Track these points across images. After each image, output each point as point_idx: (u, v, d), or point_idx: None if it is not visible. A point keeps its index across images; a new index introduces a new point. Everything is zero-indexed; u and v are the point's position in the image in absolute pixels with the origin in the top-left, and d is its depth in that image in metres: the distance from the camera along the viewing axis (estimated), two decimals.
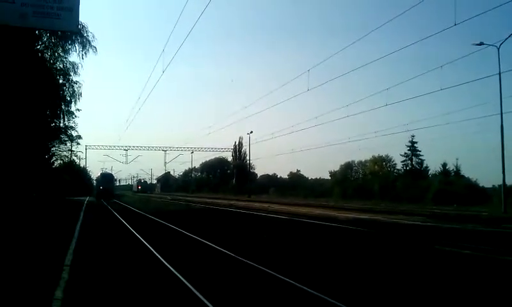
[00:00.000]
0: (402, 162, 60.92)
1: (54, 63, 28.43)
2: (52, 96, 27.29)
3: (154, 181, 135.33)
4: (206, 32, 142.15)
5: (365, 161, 75.02)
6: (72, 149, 56.76)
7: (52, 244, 11.24)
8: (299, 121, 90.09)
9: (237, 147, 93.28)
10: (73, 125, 41.22)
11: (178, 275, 7.24)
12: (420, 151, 58.79)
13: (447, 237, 12.87)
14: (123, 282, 6.96)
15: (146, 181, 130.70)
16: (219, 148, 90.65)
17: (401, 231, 14.98)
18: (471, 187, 42.52)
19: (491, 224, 17.43)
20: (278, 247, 11.45)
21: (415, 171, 57.56)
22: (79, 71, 28.52)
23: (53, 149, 44.39)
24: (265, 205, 33.80)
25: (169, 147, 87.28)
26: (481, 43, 27.26)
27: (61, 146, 48.69)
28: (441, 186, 43.51)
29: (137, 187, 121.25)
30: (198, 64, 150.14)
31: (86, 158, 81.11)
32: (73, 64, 28.27)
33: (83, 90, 30.28)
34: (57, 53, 27.70)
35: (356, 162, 79.84)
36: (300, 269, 8.00)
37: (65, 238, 12.09)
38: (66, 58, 28.03)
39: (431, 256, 9.90)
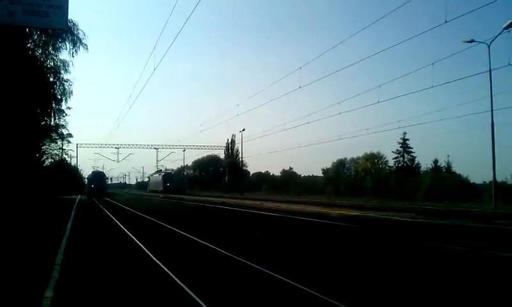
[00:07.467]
0: (394, 159, 61.57)
1: (45, 61, 28.30)
2: (42, 94, 27.13)
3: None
4: (198, 29, 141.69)
5: (357, 158, 75.56)
6: (63, 147, 56.87)
7: (42, 242, 11.17)
8: (292, 119, 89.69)
9: (230, 145, 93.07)
10: (64, 123, 41.22)
11: (171, 274, 7.20)
12: (411, 148, 59.46)
13: (438, 233, 12.96)
14: (114, 281, 6.91)
15: (180, 174, 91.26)
16: (211, 146, 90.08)
17: (393, 228, 15.06)
18: (462, 184, 42.82)
19: (481, 220, 17.57)
20: (271, 244, 11.46)
21: (407, 168, 58.05)
22: (70, 69, 28.51)
23: (44, 147, 44.12)
24: (258, 203, 33.81)
25: (161, 145, 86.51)
26: (472, 41, 27.44)
27: (52, 144, 48.65)
28: (432, 182, 43.79)
29: (165, 183, 75.59)
30: (189, 61, 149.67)
31: (77, 157, 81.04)
32: (64, 62, 28.24)
33: (74, 88, 30.26)
34: (48, 51, 27.60)
35: (348, 159, 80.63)
36: (293, 267, 8.01)
37: (56, 237, 12.01)
38: (56, 56, 27.97)
39: (422, 252, 9.98)
